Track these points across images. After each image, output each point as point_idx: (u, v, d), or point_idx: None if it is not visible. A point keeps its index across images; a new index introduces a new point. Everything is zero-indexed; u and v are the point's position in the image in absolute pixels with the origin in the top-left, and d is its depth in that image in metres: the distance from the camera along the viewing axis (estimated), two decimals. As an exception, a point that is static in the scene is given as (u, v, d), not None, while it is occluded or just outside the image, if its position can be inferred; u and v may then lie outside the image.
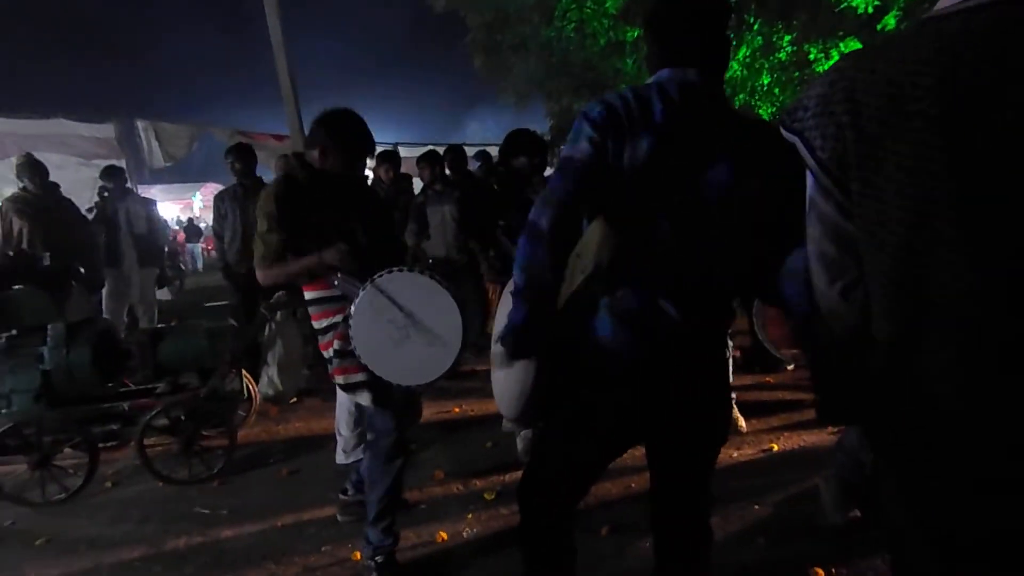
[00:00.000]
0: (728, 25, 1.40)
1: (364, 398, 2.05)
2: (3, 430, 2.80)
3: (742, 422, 3.22)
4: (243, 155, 4.36)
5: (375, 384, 1.99)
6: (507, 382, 1.54)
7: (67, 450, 2.98)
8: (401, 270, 1.81)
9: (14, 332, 2.99)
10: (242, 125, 9.07)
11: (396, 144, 10.21)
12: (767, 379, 4.06)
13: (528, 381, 1.43)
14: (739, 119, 1.40)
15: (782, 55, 8.63)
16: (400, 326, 1.81)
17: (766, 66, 8.96)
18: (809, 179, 0.93)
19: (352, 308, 1.84)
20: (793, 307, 1.11)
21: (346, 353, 1.96)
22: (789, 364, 3.91)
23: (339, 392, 2.75)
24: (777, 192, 1.21)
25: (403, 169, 5.59)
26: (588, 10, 9.61)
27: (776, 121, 0.93)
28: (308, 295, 2.09)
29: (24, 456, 2.86)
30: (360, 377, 2.01)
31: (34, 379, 2.85)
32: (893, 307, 0.85)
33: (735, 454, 2.98)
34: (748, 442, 3.11)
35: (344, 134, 2.04)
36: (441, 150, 5.21)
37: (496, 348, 1.55)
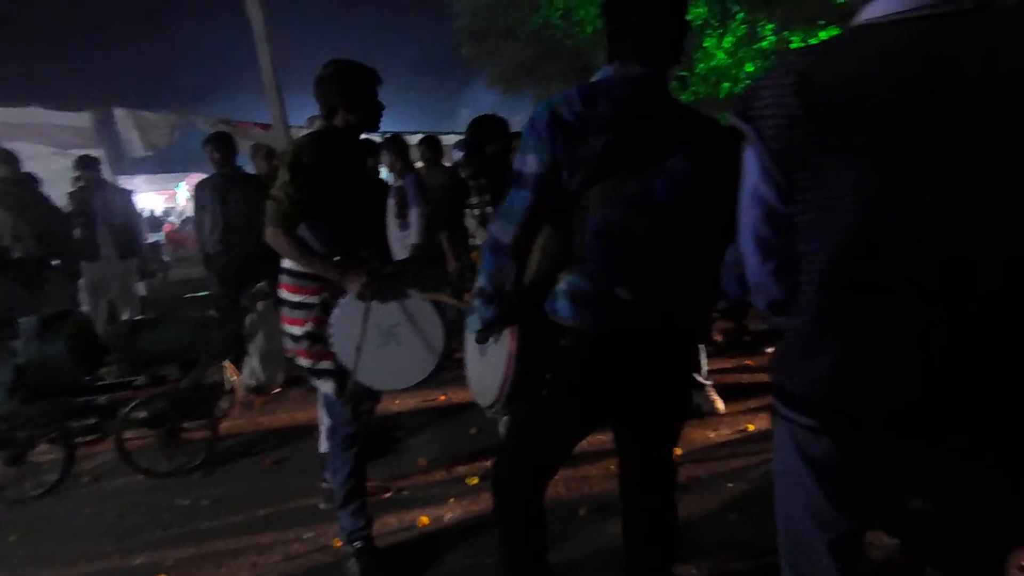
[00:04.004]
0: (686, 16, 1.40)
1: (327, 387, 2.05)
2: (-23, 424, 2.78)
3: (720, 404, 3.26)
4: (222, 144, 4.29)
5: (341, 375, 1.99)
6: (484, 372, 1.58)
7: (44, 446, 2.96)
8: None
9: (-14, 325, 2.96)
10: (228, 114, 8.93)
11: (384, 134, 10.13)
12: (747, 362, 4.11)
13: (505, 368, 1.46)
14: (686, 113, 1.43)
15: (764, 44, 8.66)
16: (383, 332, 1.88)
17: (749, 55, 8.98)
18: (753, 166, 0.95)
19: (338, 309, 1.87)
20: (727, 290, 1.18)
21: (319, 338, 1.96)
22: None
23: (319, 381, 2.76)
24: (728, 183, 1.24)
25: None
26: (574, -3, 9.53)
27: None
28: (285, 264, 2.05)
29: None
30: (327, 365, 2.01)
31: (7, 373, 2.82)
32: (827, 287, 0.90)
33: (712, 435, 3.03)
34: (725, 423, 3.15)
35: (357, 82, 2.00)
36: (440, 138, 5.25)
37: (470, 345, 1.58)
